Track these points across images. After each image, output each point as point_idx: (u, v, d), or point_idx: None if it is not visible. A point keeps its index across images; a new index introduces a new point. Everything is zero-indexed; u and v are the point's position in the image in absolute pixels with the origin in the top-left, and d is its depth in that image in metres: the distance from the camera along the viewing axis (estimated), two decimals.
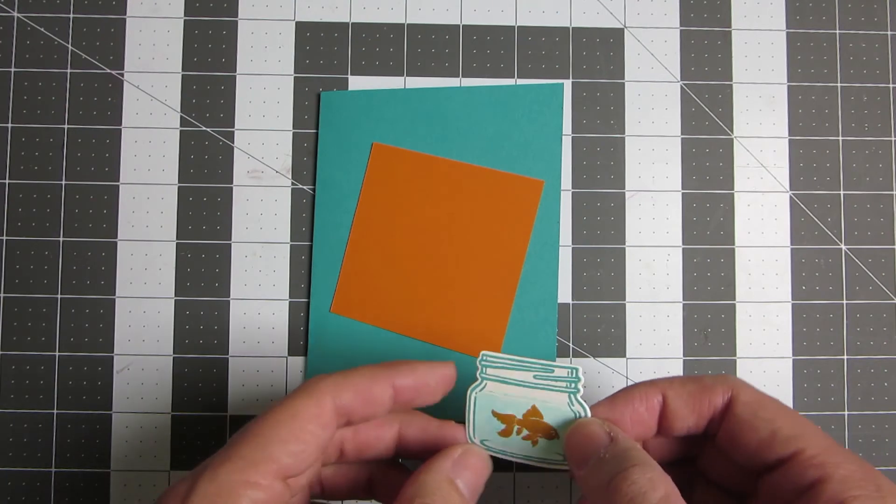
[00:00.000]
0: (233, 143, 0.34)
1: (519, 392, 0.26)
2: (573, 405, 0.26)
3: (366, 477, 0.27)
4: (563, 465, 0.26)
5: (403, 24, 0.35)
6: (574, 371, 0.26)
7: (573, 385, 0.26)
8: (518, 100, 0.34)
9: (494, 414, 0.26)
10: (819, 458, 0.22)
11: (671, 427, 0.25)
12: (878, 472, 0.22)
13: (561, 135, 0.34)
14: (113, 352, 0.33)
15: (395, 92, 0.34)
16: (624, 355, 0.34)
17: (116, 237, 0.34)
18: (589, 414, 0.25)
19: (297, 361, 0.34)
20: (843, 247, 0.35)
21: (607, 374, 0.34)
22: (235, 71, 0.35)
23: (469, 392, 0.26)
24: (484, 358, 0.26)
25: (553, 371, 0.26)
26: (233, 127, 0.34)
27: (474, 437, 0.26)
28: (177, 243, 0.34)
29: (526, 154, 0.34)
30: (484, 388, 0.26)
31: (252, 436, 0.22)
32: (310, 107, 0.35)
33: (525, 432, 0.26)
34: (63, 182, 0.34)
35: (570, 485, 0.34)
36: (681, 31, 0.35)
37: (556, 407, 0.26)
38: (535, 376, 0.26)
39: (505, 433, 0.26)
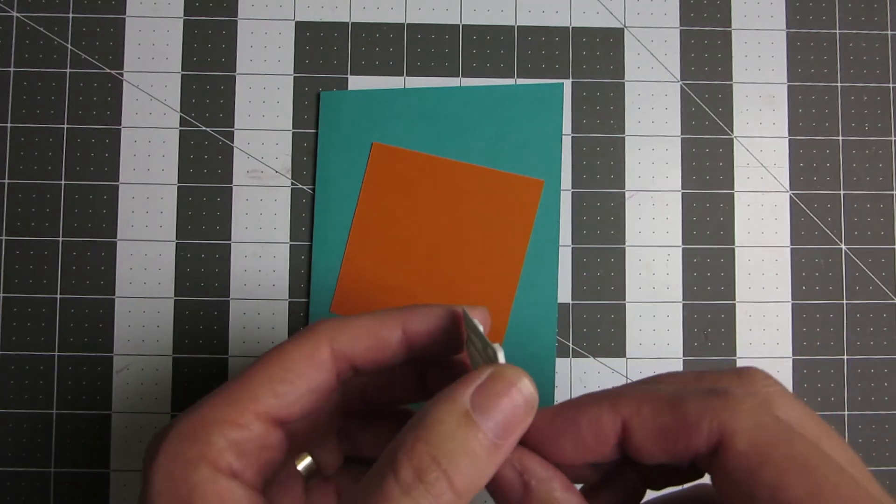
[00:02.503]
0: (233, 142, 0.34)
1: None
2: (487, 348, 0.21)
3: (415, 377, 0.23)
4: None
5: (403, 24, 0.35)
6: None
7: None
8: (518, 100, 0.34)
9: None
10: None
11: (637, 458, 0.19)
12: None
13: (561, 135, 0.34)
14: (113, 352, 0.33)
15: (395, 92, 0.34)
16: (624, 355, 0.34)
17: (116, 237, 0.34)
18: (501, 353, 0.19)
19: None
20: (843, 247, 0.35)
21: (607, 375, 0.34)
22: (235, 71, 0.35)
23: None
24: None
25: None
26: (233, 127, 0.34)
27: None
28: (176, 243, 0.34)
29: (526, 154, 0.34)
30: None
31: (241, 376, 0.20)
32: (310, 107, 0.35)
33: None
34: (63, 182, 0.34)
35: None
36: (681, 31, 0.35)
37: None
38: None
39: None
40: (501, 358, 0.18)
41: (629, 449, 0.18)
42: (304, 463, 0.23)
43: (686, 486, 0.21)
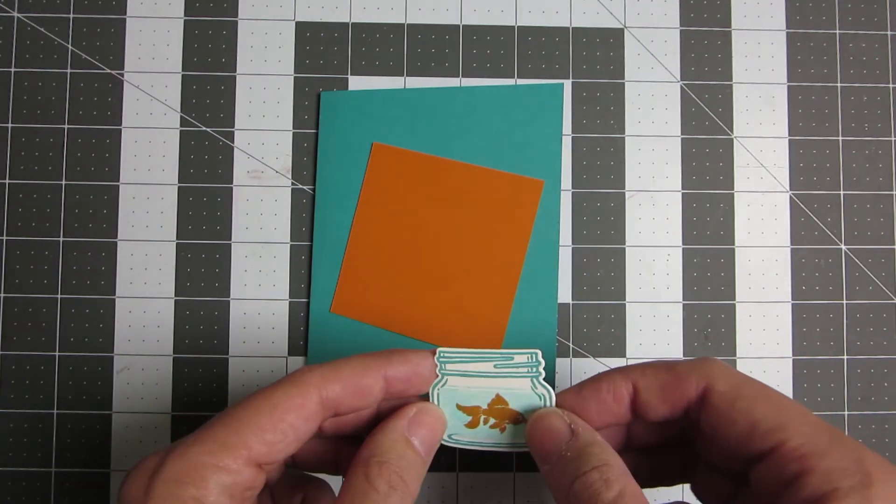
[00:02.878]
0: (233, 143, 0.34)
1: (481, 383, 0.26)
2: (536, 388, 0.26)
3: (333, 454, 0.27)
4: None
5: (403, 24, 0.35)
6: (534, 355, 0.26)
7: (534, 369, 0.26)
8: (518, 100, 0.34)
9: (459, 407, 0.26)
10: (801, 449, 0.21)
11: (646, 416, 0.24)
12: (867, 456, 0.20)
13: (561, 135, 0.34)
14: (113, 352, 0.33)
15: (396, 92, 0.34)
16: (624, 355, 0.34)
17: (116, 237, 0.34)
18: (553, 395, 0.26)
19: (297, 361, 0.34)
20: (843, 247, 0.35)
21: None
22: (235, 71, 0.35)
23: (431, 390, 0.26)
24: (441, 355, 0.26)
25: (513, 358, 0.26)
26: (233, 127, 0.34)
27: (442, 434, 0.26)
28: (177, 243, 0.34)
29: (526, 154, 0.34)
30: (445, 383, 0.26)
31: (229, 419, 0.22)
32: (310, 107, 0.35)
33: (492, 421, 0.26)
34: (63, 182, 0.34)
35: None
36: (681, 31, 0.35)
37: (520, 392, 0.26)
38: (495, 365, 0.26)
39: (472, 424, 0.26)
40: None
41: (638, 407, 0.24)
42: None
43: None
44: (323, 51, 0.35)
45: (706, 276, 0.34)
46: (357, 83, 0.35)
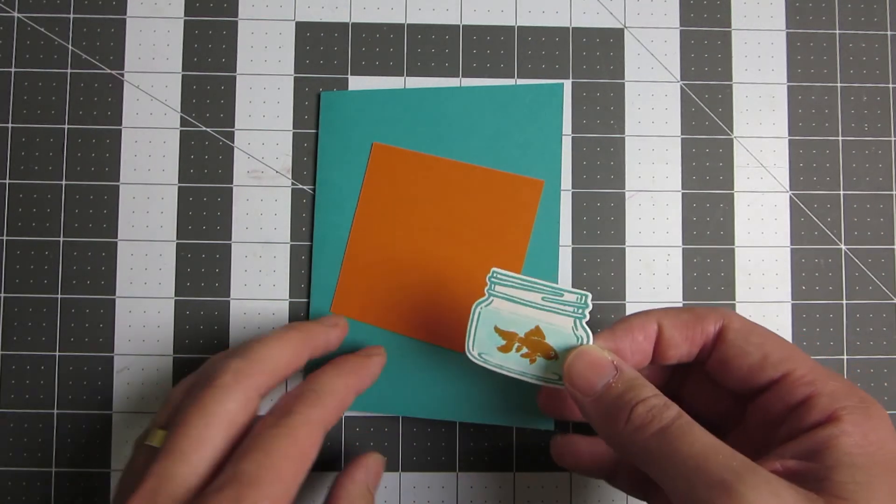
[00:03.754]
0: (233, 143, 0.34)
1: (525, 311, 0.27)
2: (577, 330, 0.26)
3: None
4: (559, 383, 0.27)
5: (403, 24, 0.35)
6: (584, 297, 0.26)
7: (580, 311, 0.26)
8: (518, 100, 0.34)
9: (496, 330, 0.27)
10: (808, 376, 0.24)
11: (664, 355, 0.27)
12: (861, 389, 0.24)
13: (561, 135, 0.34)
14: (113, 352, 0.33)
15: (396, 92, 0.34)
16: None
17: (116, 237, 0.34)
18: (591, 338, 0.26)
19: None
20: (843, 247, 0.35)
21: None
22: (235, 71, 0.35)
23: (474, 307, 0.27)
24: (494, 275, 0.27)
25: (563, 295, 0.26)
26: (233, 127, 0.34)
27: (473, 350, 0.27)
28: (177, 243, 0.34)
29: (526, 154, 0.34)
30: (490, 304, 0.27)
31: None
32: (310, 107, 0.35)
33: (524, 350, 0.27)
34: (63, 182, 0.34)
35: (571, 485, 0.34)
36: (681, 31, 0.35)
37: (559, 329, 0.26)
38: (543, 298, 0.27)
39: (504, 349, 0.27)
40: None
41: (660, 345, 0.27)
42: None
43: None
44: (323, 51, 0.35)
45: (706, 276, 0.34)
46: (357, 83, 0.35)
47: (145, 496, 0.22)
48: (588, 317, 0.26)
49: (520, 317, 0.27)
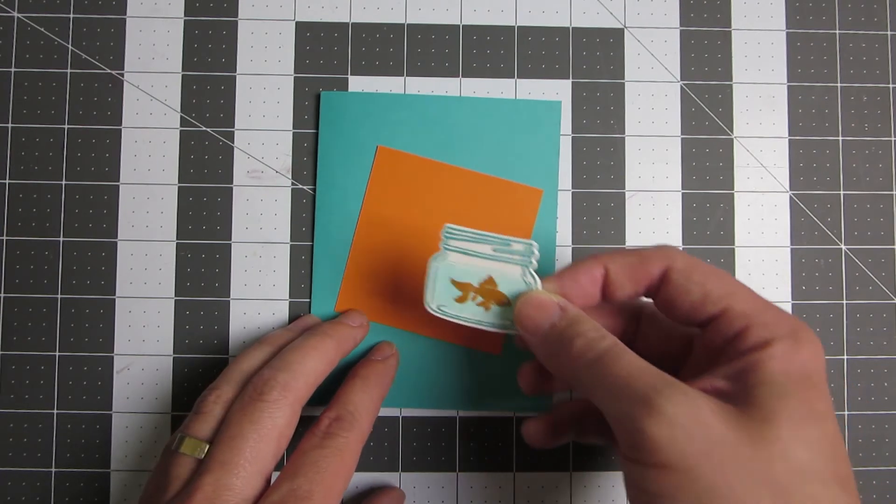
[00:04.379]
0: (233, 143, 0.34)
1: (477, 263, 0.28)
2: (526, 277, 0.28)
3: None
4: (512, 329, 0.28)
5: (403, 24, 0.35)
6: (530, 246, 0.28)
7: (528, 259, 0.28)
8: (518, 114, 0.34)
9: (453, 282, 0.29)
10: (745, 310, 0.25)
11: (612, 296, 0.28)
12: (798, 320, 0.25)
13: (558, 148, 0.34)
14: (113, 352, 0.33)
15: (396, 96, 0.34)
16: None
17: (116, 237, 0.34)
18: (539, 284, 0.28)
19: None
20: (843, 247, 0.35)
21: None
22: (235, 71, 0.35)
23: (430, 262, 0.29)
24: (447, 230, 0.28)
25: (511, 245, 0.28)
26: (233, 127, 0.34)
27: (431, 303, 0.29)
28: (177, 243, 0.34)
29: (525, 164, 0.34)
30: (446, 258, 0.29)
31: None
32: (310, 107, 0.35)
33: (479, 299, 0.29)
34: (63, 182, 0.34)
35: (570, 485, 0.34)
36: (681, 31, 0.35)
37: (510, 278, 0.28)
38: (494, 249, 0.28)
39: (461, 299, 0.29)
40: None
41: (607, 287, 0.27)
42: None
43: None
44: (323, 51, 0.35)
45: None
46: (357, 83, 0.35)
47: (203, 502, 0.23)
48: (536, 264, 0.28)
49: (473, 268, 0.28)
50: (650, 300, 0.28)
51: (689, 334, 0.28)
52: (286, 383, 0.26)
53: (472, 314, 0.29)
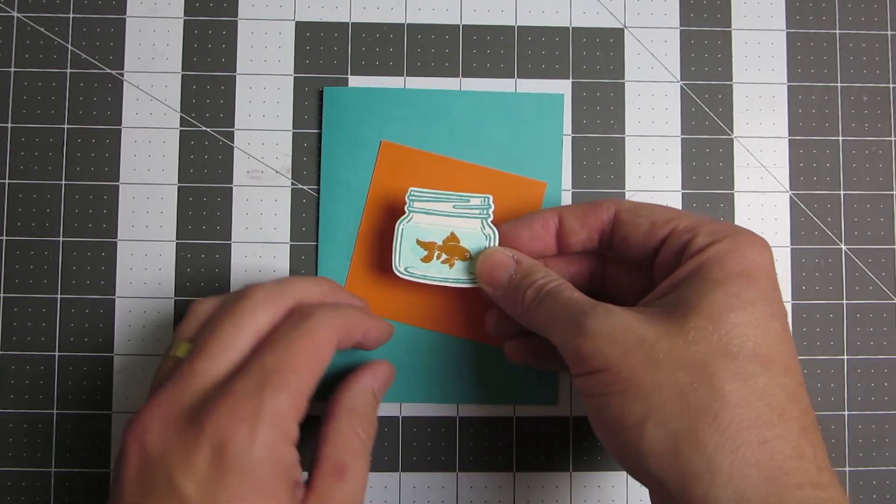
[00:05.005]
0: (233, 143, 0.34)
1: (440, 221, 0.31)
2: (484, 229, 0.31)
3: None
4: (475, 283, 0.30)
5: (403, 24, 0.35)
6: (486, 199, 0.31)
7: (486, 212, 0.31)
8: (521, 107, 0.34)
9: (418, 242, 0.31)
10: (689, 224, 0.27)
11: (567, 243, 0.30)
12: (741, 227, 0.27)
13: (561, 142, 0.34)
14: (113, 352, 0.33)
15: (399, 91, 0.34)
16: None
17: (116, 237, 0.34)
18: (497, 235, 0.30)
19: None
20: (843, 247, 0.35)
21: None
22: (235, 71, 0.35)
23: (397, 225, 0.31)
24: (411, 193, 0.31)
25: (469, 200, 0.31)
26: (233, 127, 0.34)
27: (399, 266, 0.31)
28: (177, 243, 0.34)
29: (528, 158, 0.34)
30: (410, 220, 0.31)
31: (282, 367, 0.25)
32: (310, 107, 0.35)
33: (444, 256, 0.31)
34: (63, 182, 0.34)
35: (570, 485, 0.34)
36: (681, 31, 0.35)
37: (470, 232, 0.31)
38: (454, 206, 0.31)
39: (426, 259, 0.31)
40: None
41: (562, 235, 0.30)
42: None
43: None
44: (323, 51, 0.35)
45: None
46: (357, 83, 0.35)
47: (175, 386, 0.24)
48: (492, 216, 0.31)
49: (436, 226, 0.31)
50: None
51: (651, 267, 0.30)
52: (271, 289, 0.27)
53: (438, 272, 0.31)
